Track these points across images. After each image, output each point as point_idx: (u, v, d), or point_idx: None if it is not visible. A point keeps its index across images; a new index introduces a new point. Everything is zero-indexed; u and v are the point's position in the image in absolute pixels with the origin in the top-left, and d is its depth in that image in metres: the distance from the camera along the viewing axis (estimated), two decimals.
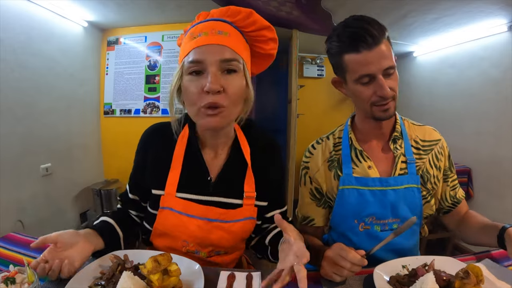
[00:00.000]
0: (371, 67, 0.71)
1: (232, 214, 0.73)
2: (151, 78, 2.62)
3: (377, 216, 0.82)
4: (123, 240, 0.75)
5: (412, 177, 0.83)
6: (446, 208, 0.91)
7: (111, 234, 0.73)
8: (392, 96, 0.75)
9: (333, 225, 0.91)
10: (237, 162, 0.75)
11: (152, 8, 2.26)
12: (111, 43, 2.68)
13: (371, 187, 0.82)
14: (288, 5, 2.08)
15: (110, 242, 0.71)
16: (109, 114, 2.69)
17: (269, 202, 0.81)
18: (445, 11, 1.98)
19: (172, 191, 0.72)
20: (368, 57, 0.71)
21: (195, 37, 0.64)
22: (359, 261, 0.62)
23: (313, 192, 0.92)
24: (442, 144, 0.88)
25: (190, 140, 0.74)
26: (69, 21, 2.29)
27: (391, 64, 0.73)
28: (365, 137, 0.88)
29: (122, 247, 0.74)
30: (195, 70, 0.62)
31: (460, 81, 2.56)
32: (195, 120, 0.68)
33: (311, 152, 0.93)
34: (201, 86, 0.61)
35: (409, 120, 0.92)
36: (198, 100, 0.62)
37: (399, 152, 0.84)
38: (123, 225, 0.76)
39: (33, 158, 2.00)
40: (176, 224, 0.72)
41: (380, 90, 0.72)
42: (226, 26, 0.66)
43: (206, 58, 0.61)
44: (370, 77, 0.73)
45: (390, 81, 0.74)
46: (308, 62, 3.48)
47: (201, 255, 0.75)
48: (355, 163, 0.86)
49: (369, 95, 0.75)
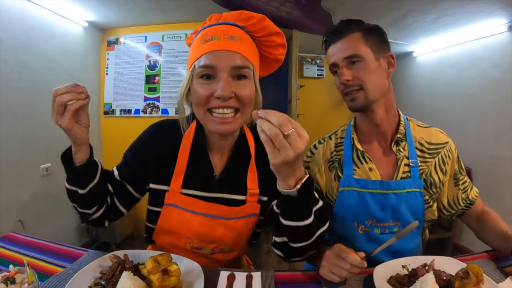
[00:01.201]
0: (334, 57, 0.82)
1: (236, 211, 0.73)
2: (151, 78, 2.62)
3: (377, 219, 0.82)
4: (93, 184, 0.69)
5: (415, 181, 0.81)
6: (460, 211, 0.88)
7: (93, 165, 0.70)
8: (358, 85, 0.78)
9: (333, 226, 0.91)
10: (240, 159, 0.76)
11: (152, 8, 2.26)
12: (111, 43, 2.68)
13: (371, 189, 0.81)
14: (288, 5, 2.08)
15: (88, 166, 0.68)
16: (109, 114, 2.69)
17: (269, 196, 0.79)
18: (445, 11, 1.97)
19: (177, 187, 0.72)
20: (333, 49, 0.83)
21: (207, 40, 0.64)
22: (359, 263, 0.62)
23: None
24: (449, 147, 0.86)
25: (196, 138, 0.75)
26: (69, 21, 2.29)
27: (353, 53, 0.78)
28: (366, 138, 0.87)
29: (86, 189, 0.68)
30: (206, 74, 0.63)
31: (460, 81, 2.56)
32: (202, 123, 0.69)
33: (312, 152, 0.93)
34: (211, 91, 0.62)
35: (415, 121, 0.90)
36: (207, 103, 0.64)
37: (402, 155, 0.83)
38: (103, 178, 0.73)
39: (33, 158, 2.00)
40: (180, 222, 0.73)
41: (340, 77, 0.80)
42: (238, 31, 0.66)
43: (218, 64, 0.62)
44: (335, 66, 0.82)
45: (354, 70, 0.78)
46: (308, 62, 3.48)
47: (205, 252, 0.76)
48: (356, 164, 0.85)
49: (338, 84, 0.83)
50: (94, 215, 0.74)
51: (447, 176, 0.86)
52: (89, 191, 0.69)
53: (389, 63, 0.82)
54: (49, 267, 0.70)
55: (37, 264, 0.71)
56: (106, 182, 0.76)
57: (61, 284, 0.61)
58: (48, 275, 0.66)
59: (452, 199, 0.88)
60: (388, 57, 0.82)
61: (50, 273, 0.67)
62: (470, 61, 2.44)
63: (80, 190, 0.68)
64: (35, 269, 0.61)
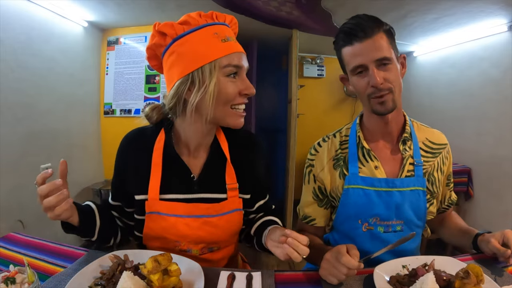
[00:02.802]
0: (363, 57, 0.75)
1: (218, 207, 0.75)
2: (151, 78, 2.62)
3: (381, 217, 0.82)
4: (98, 229, 0.74)
5: (418, 179, 0.83)
6: (442, 209, 0.95)
7: (89, 218, 0.73)
8: (388, 89, 0.76)
9: (335, 225, 0.91)
10: (217, 159, 0.78)
11: (152, 8, 2.26)
12: (111, 43, 2.68)
13: (377, 187, 0.82)
14: (288, 5, 2.08)
15: (85, 223, 0.70)
16: (109, 114, 2.69)
17: (252, 194, 0.83)
18: (445, 11, 1.97)
19: (155, 195, 0.73)
20: (359, 48, 0.76)
21: (225, 40, 0.67)
22: (353, 265, 0.61)
23: (316, 191, 0.91)
24: (448, 149, 0.90)
25: (166, 144, 0.75)
26: (69, 21, 2.29)
27: (385, 55, 0.75)
28: (372, 137, 0.88)
29: (95, 236, 0.74)
30: (234, 73, 0.68)
31: (460, 81, 2.56)
32: (222, 119, 0.70)
33: (316, 150, 0.93)
34: (239, 88, 0.68)
35: (418, 122, 0.92)
36: (233, 100, 0.68)
37: (408, 154, 0.84)
38: (103, 216, 0.76)
39: (33, 158, 2.00)
40: (165, 227, 0.73)
41: (372, 80, 0.75)
42: (233, 33, 0.73)
43: (243, 65, 0.69)
44: (363, 67, 0.77)
45: (386, 72, 0.76)
46: (308, 62, 3.48)
47: (194, 253, 0.77)
48: (361, 163, 0.85)
49: (364, 86, 0.78)
50: (116, 242, 0.82)
51: (444, 176, 0.89)
52: (99, 234, 0.75)
53: (402, 64, 0.83)
54: (49, 267, 0.70)
55: (37, 264, 0.71)
56: (110, 214, 0.82)
57: (61, 284, 0.61)
58: (48, 275, 0.66)
59: (441, 197, 0.93)
60: (401, 58, 0.83)
61: (50, 273, 0.67)
62: (470, 61, 2.44)
63: (92, 238, 0.75)
64: (35, 269, 0.61)
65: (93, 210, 0.75)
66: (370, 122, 0.87)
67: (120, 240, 0.83)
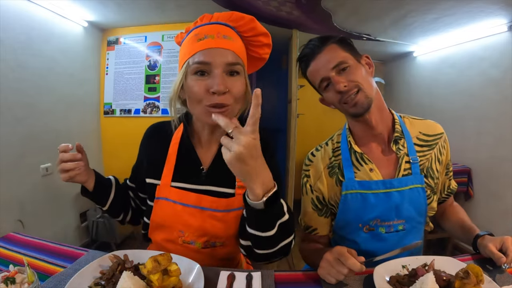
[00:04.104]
0: (321, 70, 0.81)
1: (224, 203, 0.75)
2: (151, 78, 2.62)
3: (381, 218, 0.82)
4: (111, 201, 0.84)
5: (416, 177, 0.82)
6: (441, 199, 0.94)
7: (104, 188, 0.83)
8: (355, 87, 0.78)
9: (336, 229, 0.91)
10: None
11: (152, 8, 2.26)
12: (111, 43, 2.68)
13: (375, 190, 0.82)
14: (288, 5, 2.07)
15: (98, 191, 0.81)
16: (109, 114, 2.69)
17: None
18: (445, 11, 1.97)
19: (167, 181, 0.78)
20: (315, 64, 0.82)
21: (201, 39, 0.67)
22: (358, 268, 0.61)
23: (315, 201, 0.91)
24: (445, 137, 0.89)
25: (184, 136, 0.81)
26: (69, 21, 2.29)
27: (339, 60, 0.78)
28: (363, 140, 0.87)
29: (106, 206, 0.84)
30: (201, 70, 0.66)
31: (460, 81, 2.56)
32: (200, 118, 0.71)
33: (310, 160, 0.93)
34: (207, 87, 0.65)
35: (409, 116, 0.91)
36: (203, 99, 0.66)
37: (402, 153, 0.84)
38: (118, 191, 0.86)
39: (33, 158, 2.00)
40: (171, 214, 0.76)
41: (336, 86, 0.79)
42: (230, 31, 0.70)
43: (214, 61, 0.65)
44: (326, 80, 0.81)
45: (346, 75, 0.79)
46: None
47: (196, 246, 0.77)
48: (356, 167, 0.85)
49: (333, 96, 0.82)
50: (126, 219, 0.92)
51: (442, 165, 0.88)
52: (110, 206, 0.85)
53: (368, 63, 0.85)
54: (49, 267, 0.70)
55: (37, 264, 0.71)
56: (126, 193, 0.90)
57: (61, 284, 0.61)
58: (48, 275, 0.66)
59: (441, 187, 0.92)
60: (365, 58, 0.85)
61: (50, 273, 0.67)
62: (470, 61, 2.44)
63: (103, 207, 0.85)
64: (35, 269, 0.61)
65: (111, 184, 0.85)
66: (355, 128, 0.88)
67: (131, 219, 0.92)
